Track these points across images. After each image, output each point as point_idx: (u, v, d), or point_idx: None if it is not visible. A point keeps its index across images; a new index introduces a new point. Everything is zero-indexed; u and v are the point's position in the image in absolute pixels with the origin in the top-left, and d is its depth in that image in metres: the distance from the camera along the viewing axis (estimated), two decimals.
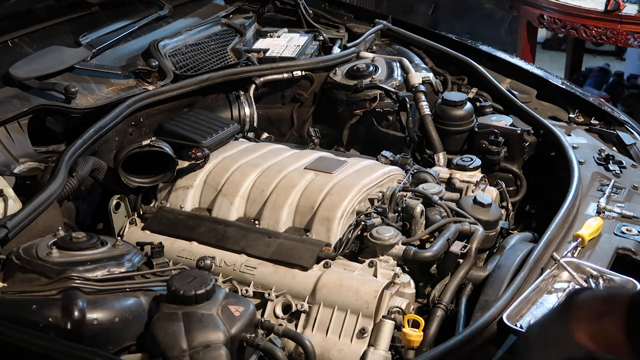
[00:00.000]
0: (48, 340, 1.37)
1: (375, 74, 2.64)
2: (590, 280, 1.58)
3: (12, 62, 2.23)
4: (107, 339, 1.45)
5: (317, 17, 3.21)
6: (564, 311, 1.15)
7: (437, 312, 1.76)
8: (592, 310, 1.12)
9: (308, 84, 2.75)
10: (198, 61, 2.62)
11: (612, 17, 4.26)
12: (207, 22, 2.90)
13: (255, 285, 1.82)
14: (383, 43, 3.10)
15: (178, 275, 1.55)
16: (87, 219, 2.17)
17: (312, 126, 2.66)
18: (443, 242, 1.86)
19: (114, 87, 2.36)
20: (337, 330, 1.71)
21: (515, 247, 1.94)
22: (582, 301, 1.14)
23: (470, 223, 1.97)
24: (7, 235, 1.65)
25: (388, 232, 1.85)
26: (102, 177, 2.08)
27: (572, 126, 2.55)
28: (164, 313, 1.47)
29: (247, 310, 1.52)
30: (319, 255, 1.83)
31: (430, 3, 6.81)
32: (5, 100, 2.09)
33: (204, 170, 2.13)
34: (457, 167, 2.26)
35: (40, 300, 1.46)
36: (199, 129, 2.23)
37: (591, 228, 1.84)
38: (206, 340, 1.42)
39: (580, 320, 1.12)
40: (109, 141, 2.19)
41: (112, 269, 1.57)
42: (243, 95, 2.56)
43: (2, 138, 2.01)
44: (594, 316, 1.11)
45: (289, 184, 2.02)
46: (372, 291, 1.72)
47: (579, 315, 1.13)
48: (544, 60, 6.30)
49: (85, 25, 2.59)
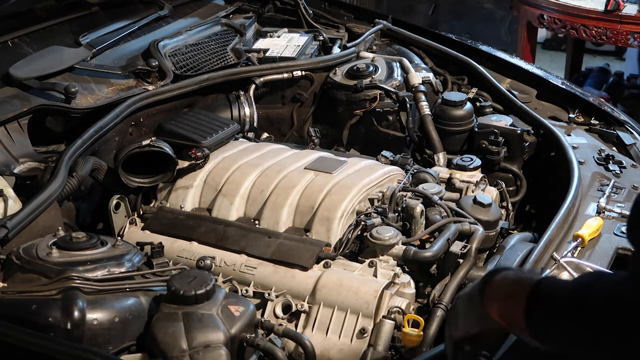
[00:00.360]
0: (48, 340, 1.37)
1: (375, 74, 2.64)
2: None
3: (12, 62, 2.22)
4: (107, 339, 1.45)
5: (317, 17, 3.21)
6: (481, 289, 1.26)
7: (437, 312, 1.75)
8: (501, 292, 1.22)
9: (308, 84, 2.75)
10: (198, 61, 2.62)
11: (612, 17, 4.25)
12: (207, 22, 2.90)
13: (255, 285, 1.82)
14: (383, 43, 3.10)
15: (178, 275, 1.55)
16: (87, 219, 2.17)
17: (312, 126, 2.65)
18: (443, 242, 1.86)
19: (114, 87, 2.36)
20: (337, 330, 1.71)
21: (515, 247, 1.94)
22: (495, 282, 1.24)
23: (470, 223, 1.97)
24: (7, 235, 1.65)
25: (388, 232, 1.85)
26: (102, 177, 2.08)
27: (572, 126, 2.55)
28: (164, 313, 1.47)
29: (247, 310, 1.52)
30: (319, 255, 1.83)
31: (430, 3, 6.81)
32: (5, 100, 2.09)
33: (204, 170, 2.13)
34: (457, 167, 2.26)
35: (40, 300, 1.46)
36: (199, 129, 2.23)
37: (591, 228, 1.84)
38: (206, 340, 1.42)
39: (492, 299, 1.23)
40: (109, 141, 2.19)
41: (112, 269, 1.57)
42: (243, 95, 2.56)
43: (2, 138, 2.01)
44: (502, 297, 1.21)
45: (289, 184, 2.02)
46: (372, 291, 1.72)
47: (491, 295, 1.23)
48: (544, 60, 6.29)
49: (85, 25, 2.59)
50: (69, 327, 1.43)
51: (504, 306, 1.20)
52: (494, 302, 1.22)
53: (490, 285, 1.24)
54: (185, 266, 1.73)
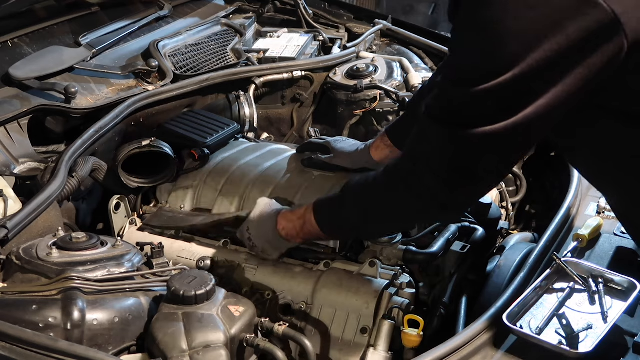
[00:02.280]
0: (48, 340, 1.37)
1: (375, 74, 2.64)
2: (590, 280, 1.58)
3: (12, 62, 2.23)
4: (107, 339, 1.45)
5: (317, 17, 3.21)
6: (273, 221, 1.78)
7: (437, 312, 1.76)
8: (293, 215, 1.75)
9: (308, 84, 2.75)
10: (198, 61, 2.63)
11: None
12: (207, 22, 2.90)
13: (255, 285, 1.82)
14: (383, 43, 3.10)
15: (178, 275, 1.55)
16: (87, 219, 2.17)
17: (312, 126, 2.66)
18: (443, 242, 1.86)
19: (114, 87, 2.36)
20: (337, 330, 1.71)
21: (515, 247, 1.94)
22: (282, 214, 1.77)
23: (470, 223, 1.97)
24: (7, 236, 1.65)
25: None
26: (102, 177, 2.08)
27: None
28: (164, 313, 1.47)
29: (247, 311, 1.52)
30: (320, 256, 1.84)
31: (430, 3, 6.81)
32: (5, 101, 2.09)
33: (204, 170, 2.13)
34: None
35: (40, 301, 1.46)
36: (199, 129, 2.23)
37: (591, 228, 1.84)
38: (206, 340, 1.42)
39: (285, 222, 1.76)
40: (109, 141, 2.19)
41: (112, 269, 1.57)
42: (243, 96, 2.56)
43: (2, 138, 2.01)
44: (294, 219, 1.74)
45: (289, 184, 2.02)
46: (372, 291, 1.72)
47: (279, 219, 1.77)
48: None
49: (85, 25, 2.59)
50: (69, 327, 1.43)
51: (299, 222, 1.71)
52: (287, 224, 1.74)
53: (280, 217, 1.75)
54: (185, 266, 1.73)
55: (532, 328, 1.47)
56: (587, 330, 1.45)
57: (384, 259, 1.83)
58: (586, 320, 1.49)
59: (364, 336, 1.69)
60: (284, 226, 1.75)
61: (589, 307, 1.53)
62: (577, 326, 1.44)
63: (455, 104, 1.35)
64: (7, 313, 1.44)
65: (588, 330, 1.45)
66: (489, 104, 1.31)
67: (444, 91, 1.39)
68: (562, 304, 1.54)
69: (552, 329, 1.47)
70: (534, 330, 1.46)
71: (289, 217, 1.75)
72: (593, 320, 1.48)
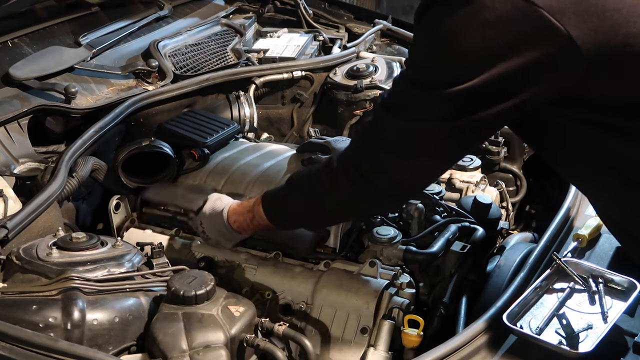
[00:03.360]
0: (48, 340, 1.37)
1: (375, 74, 2.63)
2: (590, 280, 1.58)
3: (12, 62, 2.23)
4: (107, 339, 1.45)
5: (317, 17, 3.21)
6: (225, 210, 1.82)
7: (437, 312, 1.76)
8: (241, 208, 1.79)
9: (308, 84, 2.75)
10: (198, 61, 2.62)
11: None
12: (207, 22, 2.90)
13: (255, 285, 1.82)
14: (383, 43, 3.10)
15: (178, 275, 1.55)
16: (87, 219, 2.17)
17: (312, 126, 2.66)
18: (443, 242, 1.86)
19: (114, 87, 2.36)
20: (337, 330, 1.71)
21: (515, 247, 1.94)
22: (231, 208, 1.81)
23: (470, 223, 1.97)
24: (7, 236, 1.65)
25: (388, 232, 1.85)
26: (102, 177, 2.08)
27: None
28: (164, 313, 1.47)
29: (247, 311, 1.52)
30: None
31: None
32: (5, 101, 2.09)
33: (204, 170, 2.13)
34: (457, 167, 2.26)
35: (40, 301, 1.46)
36: (199, 129, 2.22)
37: (591, 228, 1.83)
38: (206, 340, 1.42)
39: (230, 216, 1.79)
40: (109, 141, 2.19)
41: (112, 269, 1.57)
42: (243, 96, 2.55)
43: (2, 138, 2.01)
44: (243, 212, 1.77)
45: None
46: (372, 291, 1.72)
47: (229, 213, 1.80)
48: None
49: (85, 25, 2.59)
50: (69, 327, 1.42)
51: (249, 215, 1.75)
52: (237, 217, 1.78)
53: (231, 211, 1.80)
54: (185, 266, 1.73)
55: (532, 328, 1.47)
56: (587, 330, 1.45)
57: (384, 259, 1.83)
58: (586, 320, 1.49)
59: (364, 336, 1.69)
60: (234, 219, 1.79)
61: (589, 307, 1.53)
62: (577, 326, 1.44)
63: (402, 98, 1.42)
64: (7, 313, 1.44)
65: (588, 330, 1.45)
66: (433, 107, 1.36)
67: (396, 84, 1.48)
68: (562, 304, 1.54)
69: (552, 329, 1.47)
70: (534, 330, 1.46)
71: (239, 211, 1.79)
72: (593, 320, 1.48)
